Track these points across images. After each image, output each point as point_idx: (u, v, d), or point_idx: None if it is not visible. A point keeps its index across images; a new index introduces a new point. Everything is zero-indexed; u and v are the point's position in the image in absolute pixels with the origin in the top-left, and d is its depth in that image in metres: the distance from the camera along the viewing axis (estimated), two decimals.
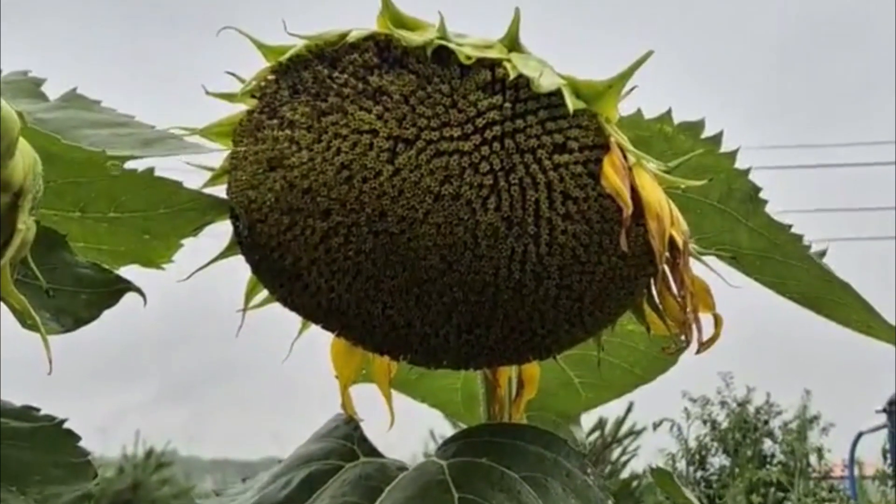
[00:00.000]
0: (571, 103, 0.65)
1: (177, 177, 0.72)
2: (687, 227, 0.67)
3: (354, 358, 0.82)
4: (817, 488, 9.05)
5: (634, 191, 0.65)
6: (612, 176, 0.64)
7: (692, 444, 9.80)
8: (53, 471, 0.69)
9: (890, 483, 8.58)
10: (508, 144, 0.65)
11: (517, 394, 0.85)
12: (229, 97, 0.72)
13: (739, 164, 0.73)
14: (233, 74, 0.72)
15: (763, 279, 0.79)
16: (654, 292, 0.73)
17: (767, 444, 9.84)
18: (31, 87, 0.66)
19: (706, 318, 0.73)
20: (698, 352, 0.71)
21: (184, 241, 0.79)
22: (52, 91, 0.69)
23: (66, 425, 0.71)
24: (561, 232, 0.65)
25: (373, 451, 0.80)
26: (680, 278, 0.67)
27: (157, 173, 0.71)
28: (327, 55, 0.68)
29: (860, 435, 7.88)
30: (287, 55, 0.69)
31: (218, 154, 0.76)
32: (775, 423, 9.90)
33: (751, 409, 10.03)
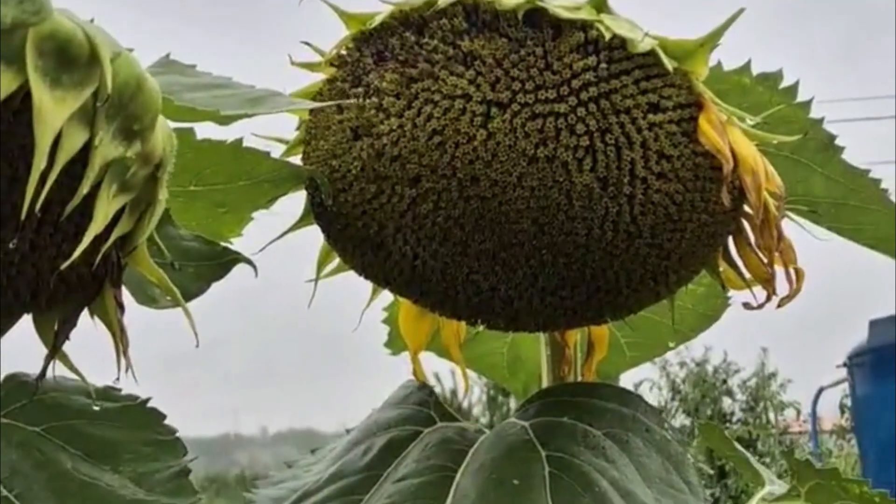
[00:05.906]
0: (668, 62, 0.65)
1: None
2: (781, 181, 0.68)
3: (425, 324, 0.83)
4: (776, 445, 9.23)
5: (729, 147, 0.66)
6: (711, 133, 0.65)
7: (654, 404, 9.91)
8: (144, 449, 0.68)
9: (847, 437, 8.76)
10: (604, 105, 0.65)
11: (588, 355, 0.86)
12: (310, 66, 0.72)
13: (813, 113, 0.75)
14: (308, 44, 0.72)
15: (838, 227, 0.80)
16: (733, 248, 0.74)
17: (727, 403, 9.99)
18: None
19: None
20: (779, 305, 0.73)
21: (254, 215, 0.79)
22: None
23: (149, 404, 0.71)
24: (655, 191, 0.66)
25: (449, 416, 0.81)
26: (776, 233, 0.68)
27: None
28: (414, 21, 0.68)
29: (821, 390, 8.02)
30: (374, 22, 0.69)
31: (288, 126, 0.76)
32: (734, 382, 10.05)
33: (709, 368, 10.17)
